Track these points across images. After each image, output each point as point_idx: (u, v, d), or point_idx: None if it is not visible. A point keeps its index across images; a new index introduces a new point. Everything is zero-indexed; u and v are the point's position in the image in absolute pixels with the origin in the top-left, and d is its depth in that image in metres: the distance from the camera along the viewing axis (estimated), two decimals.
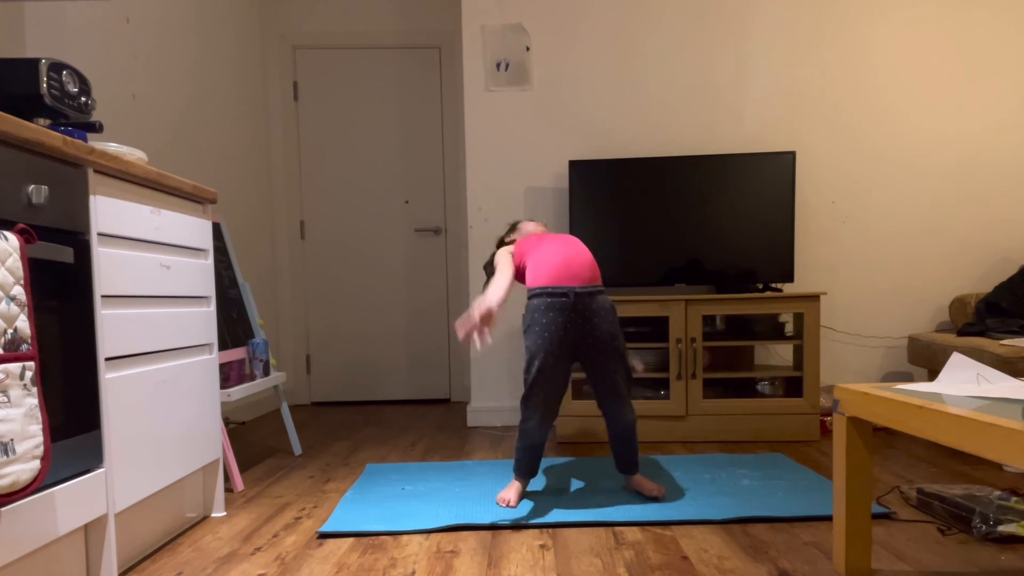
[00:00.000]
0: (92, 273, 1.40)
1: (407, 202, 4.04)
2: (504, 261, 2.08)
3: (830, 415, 2.80)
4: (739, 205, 2.93)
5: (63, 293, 1.31)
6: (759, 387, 2.93)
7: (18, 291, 1.11)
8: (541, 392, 1.94)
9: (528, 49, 3.19)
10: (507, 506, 1.97)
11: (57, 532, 1.27)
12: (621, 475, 2.11)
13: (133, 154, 1.70)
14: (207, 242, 1.99)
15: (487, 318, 1.79)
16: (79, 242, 1.37)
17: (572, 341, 1.93)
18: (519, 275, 2.10)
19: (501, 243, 2.30)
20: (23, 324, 1.11)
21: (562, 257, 1.98)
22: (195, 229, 1.91)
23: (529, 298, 1.99)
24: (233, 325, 2.56)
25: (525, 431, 1.99)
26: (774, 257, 2.92)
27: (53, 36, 2.13)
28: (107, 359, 1.45)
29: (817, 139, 3.17)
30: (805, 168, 3.13)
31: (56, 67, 1.53)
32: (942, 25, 3.12)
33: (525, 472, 2.03)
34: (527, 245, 2.12)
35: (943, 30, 3.12)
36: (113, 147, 1.65)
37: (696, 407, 2.79)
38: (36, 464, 1.12)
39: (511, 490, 2.02)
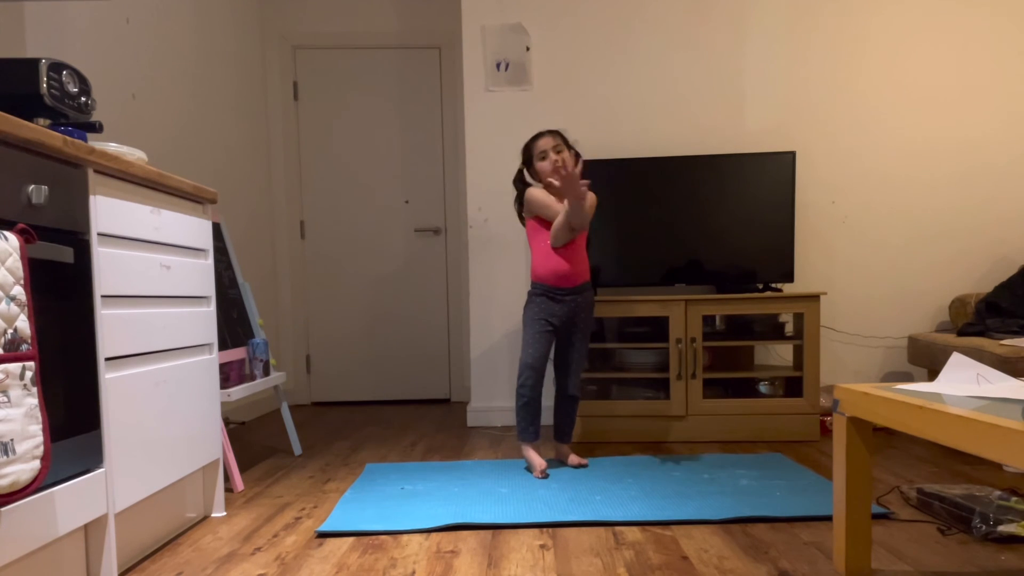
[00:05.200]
0: (92, 273, 1.40)
1: (407, 202, 4.04)
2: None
3: (830, 415, 2.80)
4: (739, 205, 2.93)
5: (63, 293, 1.31)
6: (759, 387, 2.93)
7: (18, 291, 1.11)
8: None
9: (528, 49, 3.19)
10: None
11: (57, 532, 1.27)
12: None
13: (133, 154, 1.70)
14: (207, 242, 1.99)
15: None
16: (79, 242, 1.37)
17: None
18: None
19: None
20: (23, 324, 1.11)
21: None
22: (195, 229, 1.91)
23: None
24: (233, 325, 2.56)
25: None
26: (774, 257, 2.92)
27: (53, 36, 2.13)
28: (107, 359, 1.45)
29: (817, 139, 3.17)
30: (805, 168, 3.12)
31: (56, 67, 1.53)
32: (942, 24, 3.12)
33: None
34: None
35: (943, 29, 3.12)
36: (113, 147, 1.65)
37: (696, 407, 2.79)
38: (36, 464, 1.12)
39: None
